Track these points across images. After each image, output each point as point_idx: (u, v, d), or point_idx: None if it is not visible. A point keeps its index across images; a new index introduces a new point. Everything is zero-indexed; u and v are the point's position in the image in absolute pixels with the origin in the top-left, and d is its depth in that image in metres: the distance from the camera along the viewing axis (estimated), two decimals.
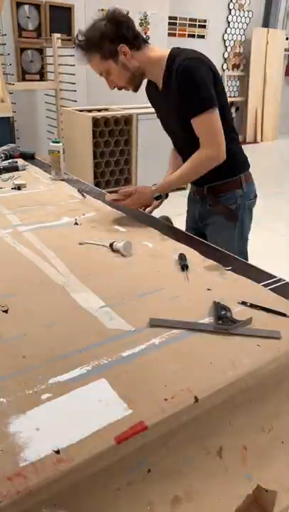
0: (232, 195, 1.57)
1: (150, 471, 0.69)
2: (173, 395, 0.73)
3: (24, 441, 0.63)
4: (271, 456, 0.85)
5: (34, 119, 5.09)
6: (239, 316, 0.96)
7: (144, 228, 1.46)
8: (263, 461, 0.83)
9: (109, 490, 0.65)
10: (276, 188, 5.10)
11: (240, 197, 1.58)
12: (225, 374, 0.78)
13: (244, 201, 1.59)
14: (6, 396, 0.72)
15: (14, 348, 0.85)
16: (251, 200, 1.63)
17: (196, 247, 1.32)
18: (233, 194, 1.57)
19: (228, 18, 7.04)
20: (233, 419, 0.80)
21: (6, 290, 1.06)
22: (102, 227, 1.46)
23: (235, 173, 1.56)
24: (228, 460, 0.79)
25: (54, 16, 4.83)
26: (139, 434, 0.66)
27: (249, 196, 1.61)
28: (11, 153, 2.28)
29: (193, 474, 0.75)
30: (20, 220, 1.50)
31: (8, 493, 0.56)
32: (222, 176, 1.54)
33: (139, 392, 0.73)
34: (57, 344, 0.86)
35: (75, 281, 1.11)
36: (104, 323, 0.94)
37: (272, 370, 0.83)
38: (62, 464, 0.60)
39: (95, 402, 0.71)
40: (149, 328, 0.92)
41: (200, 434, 0.76)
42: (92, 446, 0.63)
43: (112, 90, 1.53)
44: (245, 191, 1.58)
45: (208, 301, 1.02)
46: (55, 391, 0.74)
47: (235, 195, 1.57)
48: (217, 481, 0.77)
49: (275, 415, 0.87)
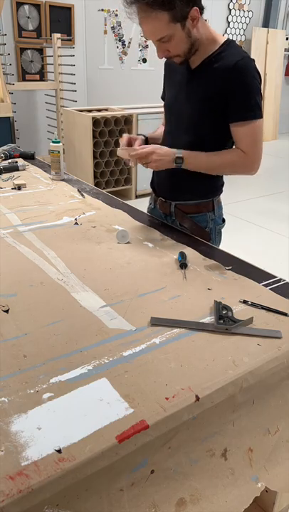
0: (203, 218, 1.48)
1: (153, 472, 0.70)
2: (174, 394, 0.73)
3: (26, 440, 0.64)
4: (279, 458, 0.85)
5: (34, 119, 5.10)
6: (240, 316, 0.96)
7: (145, 228, 1.46)
8: (271, 463, 0.84)
9: (112, 490, 0.65)
10: (276, 188, 5.11)
11: (211, 220, 1.49)
12: (225, 373, 0.78)
13: (215, 225, 1.51)
14: (8, 395, 0.72)
15: (15, 347, 0.85)
16: (221, 225, 1.54)
17: (196, 247, 1.32)
18: (204, 217, 1.48)
19: (228, 18, 7.04)
20: (235, 419, 0.80)
21: (7, 290, 1.06)
22: (103, 227, 1.46)
23: (208, 196, 1.47)
24: (234, 462, 0.79)
25: (54, 16, 4.84)
26: (140, 433, 0.66)
27: (219, 221, 1.53)
28: (11, 153, 2.28)
29: (198, 476, 0.75)
30: (21, 220, 1.50)
31: (10, 492, 0.56)
32: (196, 195, 1.44)
33: (140, 392, 0.74)
34: (58, 344, 0.86)
35: (75, 280, 1.11)
36: (105, 323, 0.94)
37: (273, 369, 0.83)
38: (64, 463, 0.60)
39: (96, 402, 0.71)
40: (149, 327, 0.92)
41: (202, 434, 0.76)
42: (94, 445, 0.63)
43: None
44: (216, 215, 1.50)
45: (209, 300, 1.03)
46: (56, 390, 0.74)
47: (206, 218, 1.48)
48: (223, 483, 0.77)
49: (280, 416, 0.88)
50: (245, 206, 4.39)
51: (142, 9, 1.15)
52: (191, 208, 1.48)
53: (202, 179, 1.39)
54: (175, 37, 1.20)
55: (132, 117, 4.30)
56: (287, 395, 0.89)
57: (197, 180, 1.40)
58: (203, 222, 1.49)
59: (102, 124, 4.14)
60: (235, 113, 1.28)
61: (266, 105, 7.75)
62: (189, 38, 1.23)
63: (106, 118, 4.16)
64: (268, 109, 7.80)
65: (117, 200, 1.74)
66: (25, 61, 4.84)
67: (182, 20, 1.18)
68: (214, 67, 1.28)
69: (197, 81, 1.34)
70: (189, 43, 1.24)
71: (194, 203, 1.47)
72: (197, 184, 1.41)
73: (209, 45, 1.30)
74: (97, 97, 5.40)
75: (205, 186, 1.41)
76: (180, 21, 1.18)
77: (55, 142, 1.95)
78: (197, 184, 1.41)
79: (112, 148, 4.31)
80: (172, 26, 1.18)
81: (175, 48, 1.24)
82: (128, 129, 4.36)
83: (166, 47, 1.24)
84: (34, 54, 4.88)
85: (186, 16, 1.18)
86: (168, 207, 1.51)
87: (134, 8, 1.16)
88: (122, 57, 5.65)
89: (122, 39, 5.54)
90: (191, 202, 1.47)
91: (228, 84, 1.25)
